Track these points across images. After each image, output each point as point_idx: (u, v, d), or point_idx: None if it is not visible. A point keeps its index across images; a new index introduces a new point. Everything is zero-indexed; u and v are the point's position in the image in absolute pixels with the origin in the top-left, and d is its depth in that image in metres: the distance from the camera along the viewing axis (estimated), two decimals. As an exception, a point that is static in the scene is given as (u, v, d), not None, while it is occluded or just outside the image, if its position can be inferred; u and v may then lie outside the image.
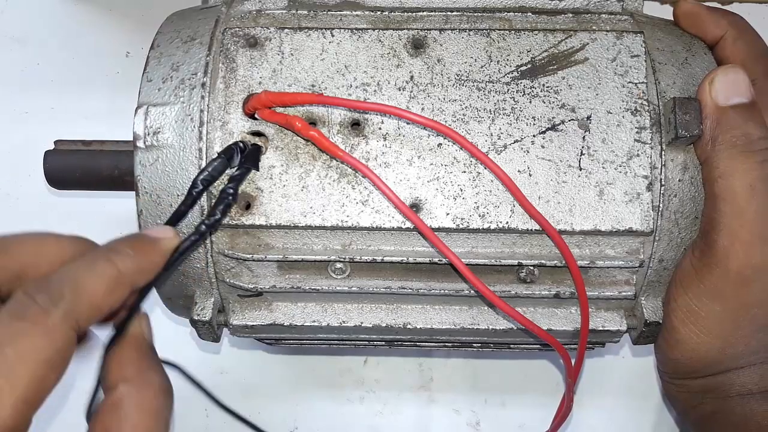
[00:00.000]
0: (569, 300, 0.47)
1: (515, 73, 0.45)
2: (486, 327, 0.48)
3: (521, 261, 0.45)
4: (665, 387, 0.51)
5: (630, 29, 0.46)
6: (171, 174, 0.44)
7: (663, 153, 0.44)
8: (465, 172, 0.44)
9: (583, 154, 0.44)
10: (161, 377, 0.36)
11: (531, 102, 0.44)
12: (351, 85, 0.45)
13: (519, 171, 0.44)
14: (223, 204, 0.41)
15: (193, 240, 0.40)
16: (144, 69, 0.46)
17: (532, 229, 0.43)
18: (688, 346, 0.45)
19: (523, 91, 0.45)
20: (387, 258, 0.44)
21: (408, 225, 0.43)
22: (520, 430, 0.63)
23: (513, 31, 0.46)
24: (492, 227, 0.43)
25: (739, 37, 0.47)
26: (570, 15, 0.47)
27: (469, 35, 0.46)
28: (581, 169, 0.44)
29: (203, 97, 0.45)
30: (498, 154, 0.44)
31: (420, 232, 0.43)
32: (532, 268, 0.46)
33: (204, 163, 0.44)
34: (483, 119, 0.44)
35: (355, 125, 0.45)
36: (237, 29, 0.46)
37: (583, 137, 0.44)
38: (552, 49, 0.45)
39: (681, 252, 0.45)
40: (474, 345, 0.54)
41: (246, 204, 0.44)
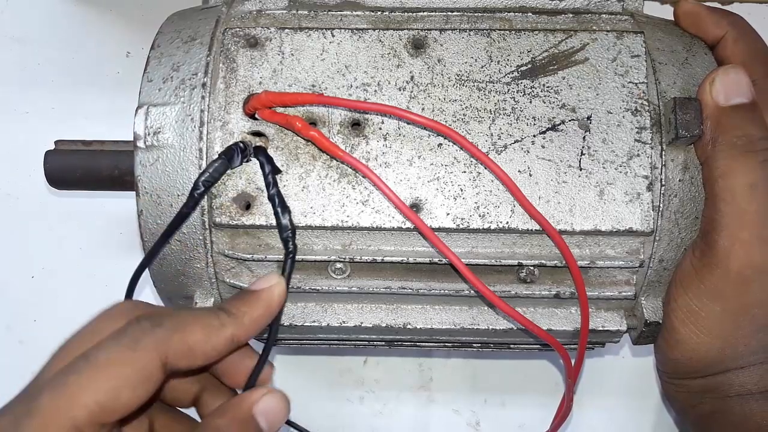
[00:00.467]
0: (569, 300, 0.47)
1: (515, 73, 0.45)
2: (486, 327, 0.48)
3: (521, 261, 0.45)
4: (664, 387, 0.51)
5: (630, 29, 0.46)
6: (171, 174, 0.44)
7: (663, 153, 0.44)
8: (465, 172, 0.44)
9: (584, 154, 0.44)
10: None
11: (531, 102, 0.44)
12: (351, 86, 0.45)
13: (519, 171, 0.44)
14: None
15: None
16: (144, 69, 0.46)
17: (532, 229, 0.43)
18: (688, 346, 0.45)
19: (524, 91, 0.45)
20: (387, 258, 0.44)
21: (408, 225, 0.43)
22: (520, 430, 0.63)
23: (513, 32, 0.46)
24: (492, 227, 0.43)
25: (740, 38, 0.47)
26: (570, 15, 0.47)
27: (470, 35, 0.46)
28: (581, 169, 0.44)
29: (204, 98, 0.44)
30: (498, 154, 0.44)
31: (420, 232, 0.43)
32: (532, 268, 0.46)
33: (204, 164, 0.44)
34: (483, 119, 0.44)
35: (356, 125, 0.45)
36: (237, 29, 0.46)
37: (584, 137, 0.44)
38: (552, 49, 0.45)
39: (681, 252, 0.45)
40: (474, 345, 0.53)
41: (246, 204, 0.44)
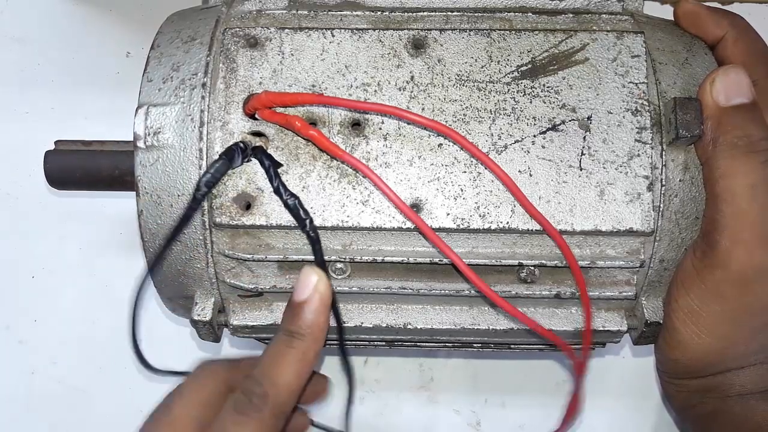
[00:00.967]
0: (570, 300, 0.47)
1: (516, 74, 0.45)
2: (486, 327, 0.48)
3: (522, 261, 0.45)
4: (664, 387, 0.51)
5: (630, 29, 0.46)
6: (171, 174, 0.44)
7: (664, 153, 0.44)
8: (465, 172, 0.44)
9: (584, 154, 0.44)
10: None
11: (531, 102, 0.44)
12: (351, 86, 0.45)
13: (519, 171, 0.44)
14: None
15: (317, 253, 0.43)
16: (144, 69, 0.46)
17: (532, 230, 0.43)
18: (688, 346, 0.45)
19: (524, 91, 0.45)
20: (387, 258, 0.44)
21: (408, 225, 0.43)
22: (520, 430, 0.63)
23: (513, 32, 0.46)
24: (492, 227, 0.43)
25: (740, 38, 0.47)
26: (570, 15, 0.47)
27: (470, 35, 0.46)
28: (582, 169, 0.44)
29: (204, 98, 0.44)
30: (498, 154, 0.44)
31: (421, 232, 0.43)
32: (532, 268, 0.46)
33: (205, 164, 0.44)
34: (483, 119, 0.44)
35: (356, 125, 0.44)
36: (237, 29, 0.46)
37: (584, 137, 0.44)
38: (552, 50, 0.45)
39: (682, 252, 0.45)
40: (474, 345, 0.54)
41: (246, 204, 0.44)
